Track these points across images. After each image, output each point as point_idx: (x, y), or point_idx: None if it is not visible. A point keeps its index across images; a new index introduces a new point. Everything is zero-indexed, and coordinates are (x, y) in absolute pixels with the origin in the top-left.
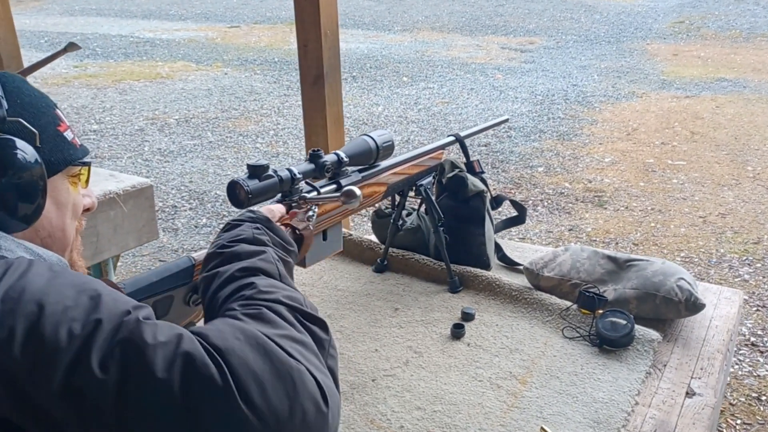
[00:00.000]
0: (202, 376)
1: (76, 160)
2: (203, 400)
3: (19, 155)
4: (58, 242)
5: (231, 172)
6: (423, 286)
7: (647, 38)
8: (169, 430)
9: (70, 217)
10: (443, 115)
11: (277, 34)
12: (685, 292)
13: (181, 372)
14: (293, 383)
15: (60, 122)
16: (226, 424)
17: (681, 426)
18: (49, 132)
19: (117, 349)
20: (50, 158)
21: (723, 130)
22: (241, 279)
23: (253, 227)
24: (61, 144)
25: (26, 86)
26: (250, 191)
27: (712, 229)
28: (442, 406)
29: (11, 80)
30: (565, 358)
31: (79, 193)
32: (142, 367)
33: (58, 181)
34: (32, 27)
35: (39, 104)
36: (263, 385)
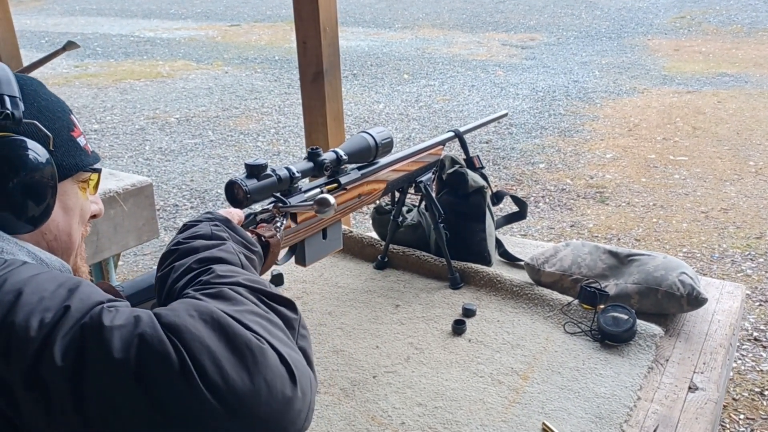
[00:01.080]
0: (158, 356)
1: (87, 166)
2: (160, 380)
3: (31, 157)
4: (63, 246)
5: (232, 170)
6: (424, 283)
7: (648, 34)
8: (128, 412)
9: (77, 222)
10: (444, 113)
11: (277, 32)
12: (687, 286)
13: (136, 353)
14: (253, 358)
15: (74, 128)
16: (186, 404)
17: (683, 421)
18: (63, 136)
19: (77, 334)
20: (62, 162)
21: (725, 125)
22: (198, 269)
23: (211, 224)
24: (73, 149)
25: (44, 90)
26: (249, 191)
27: (714, 224)
28: (443, 402)
29: (29, 83)
30: (567, 353)
31: (88, 198)
32: (99, 350)
33: (67, 186)
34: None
35: (55, 108)
36: (219, 362)
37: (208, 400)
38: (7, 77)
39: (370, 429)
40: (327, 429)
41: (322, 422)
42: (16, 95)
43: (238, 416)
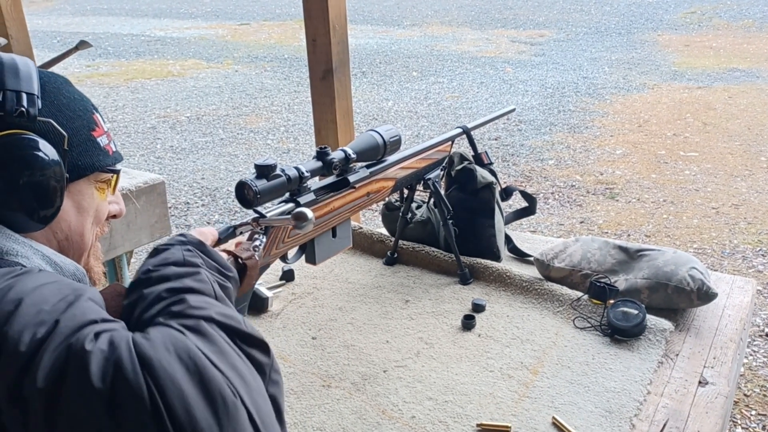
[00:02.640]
0: (131, 391)
1: (105, 166)
2: (130, 416)
3: (40, 156)
4: (75, 246)
5: (242, 168)
6: (433, 278)
7: (658, 29)
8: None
9: (92, 222)
10: (453, 110)
11: (286, 30)
12: (697, 281)
13: (111, 383)
14: (225, 409)
15: (95, 127)
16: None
17: (694, 415)
18: (81, 136)
19: (63, 354)
20: (77, 162)
21: (736, 120)
22: (168, 299)
23: (183, 249)
24: (91, 149)
25: (67, 88)
26: (259, 191)
27: (725, 220)
28: (453, 396)
29: (53, 80)
30: (577, 348)
31: (106, 199)
32: (79, 375)
33: (82, 186)
34: (45, 27)
35: (75, 107)
36: (191, 408)
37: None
38: (28, 74)
39: (381, 423)
40: (338, 422)
41: (334, 416)
42: (35, 92)
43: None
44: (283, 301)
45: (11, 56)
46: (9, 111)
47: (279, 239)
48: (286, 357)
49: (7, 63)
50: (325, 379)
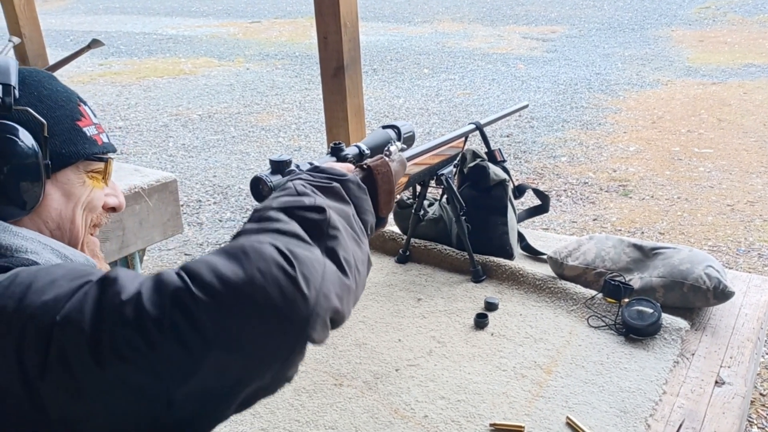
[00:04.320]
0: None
1: (91, 154)
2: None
3: (15, 141)
4: (67, 234)
5: (254, 166)
6: (446, 276)
7: (672, 25)
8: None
9: (82, 209)
10: (464, 106)
11: (297, 28)
12: (714, 279)
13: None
14: (246, 256)
15: (81, 117)
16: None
17: (710, 415)
18: (64, 125)
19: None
20: (61, 150)
21: (751, 116)
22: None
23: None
24: (75, 137)
25: (50, 82)
26: (274, 186)
27: (740, 217)
28: (466, 396)
29: (34, 75)
30: (591, 347)
31: (101, 189)
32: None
33: (70, 174)
34: (58, 26)
35: (57, 98)
36: (214, 265)
37: (209, 304)
38: (6, 68)
39: (393, 422)
40: (350, 421)
41: (346, 414)
42: (11, 83)
43: (239, 307)
44: None
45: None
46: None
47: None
48: None
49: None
50: (337, 377)
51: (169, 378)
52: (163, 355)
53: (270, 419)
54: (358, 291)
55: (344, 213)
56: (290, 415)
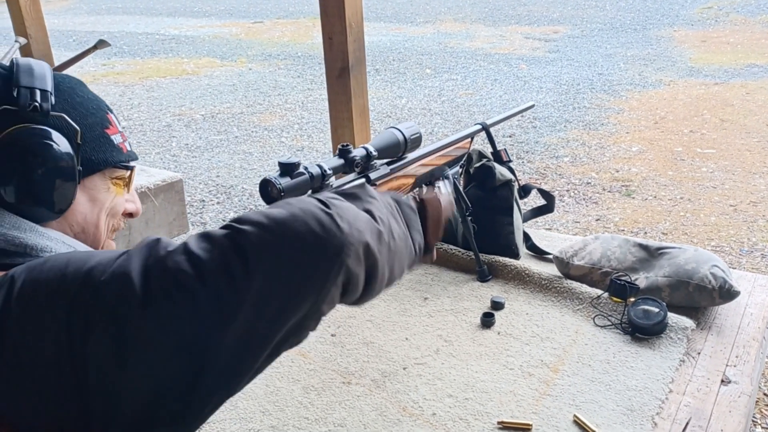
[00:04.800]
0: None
1: (118, 162)
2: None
3: (53, 146)
4: (90, 238)
5: (257, 166)
6: (452, 276)
7: (674, 25)
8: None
9: (106, 215)
10: (467, 107)
11: (300, 28)
12: (719, 279)
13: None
14: (288, 203)
15: (109, 125)
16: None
17: (717, 414)
18: (95, 132)
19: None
20: (91, 157)
21: (754, 117)
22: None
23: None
24: (104, 145)
25: (81, 88)
26: (283, 189)
27: (743, 217)
28: (473, 394)
29: (67, 81)
30: (597, 346)
31: (123, 195)
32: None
33: (97, 180)
34: (61, 26)
35: (89, 105)
36: (260, 210)
37: (255, 232)
38: (42, 73)
39: (402, 419)
40: (359, 419)
41: (354, 412)
42: (48, 89)
43: (281, 236)
44: None
45: (27, 59)
46: (23, 106)
47: None
48: (306, 353)
49: (22, 64)
50: (345, 375)
51: (213, 318)
52: (210, 291)
53: (279, 417)
54: (394, 254)
55: (391, 211)
56: (299, 412)
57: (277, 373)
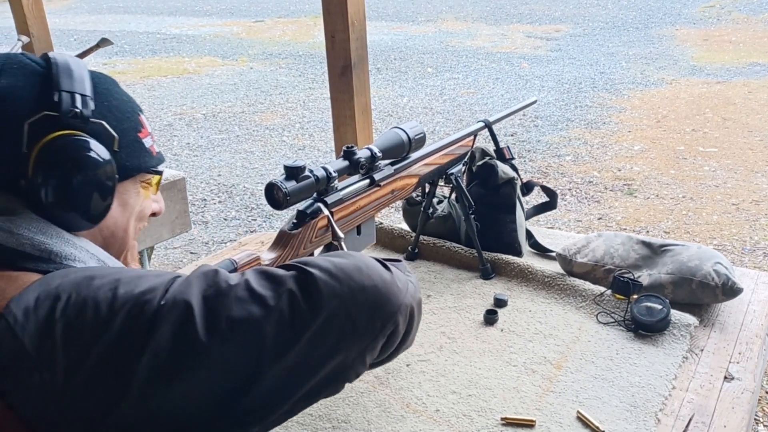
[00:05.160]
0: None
1: (150, 167)
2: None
3: (93, 156)
4: (119, 242)
5: (258, 165)
6: (455, 273)
7: (676, 24)
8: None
9: (135, 219)
10: (469, 106)
11: (301, 27)
12: (722, 276)
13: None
14: (350, 255)
15: (141, 128)
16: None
17: (720, 410)
18: (129, 137)
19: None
20: (125, 163)
21: (756, 115)
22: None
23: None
24: (138, 150)
25: (116, 89)
26: (288, 192)
27: (745, 216)
28: (477, 390)
29: (103, 81)
30: (600, 343)
31: (150, 197)
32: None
33: (128, 185)
34: (62, 25)
35: (125, 108)
36: (326, 256)
37: (323, 278)
38: (81, 74)
39: (405, 416)
40: (363, 415)
41: (358, 409)
42: (88, 94)
43: (349, 285)
44: None
45: (64, 57)
46: (64, 112)
47: (307, 239)
48: None
49: (61, 64)
50: None
51: (270, 351)
52: (271, 326)
53: None
54: (419, 323)
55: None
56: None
57: None
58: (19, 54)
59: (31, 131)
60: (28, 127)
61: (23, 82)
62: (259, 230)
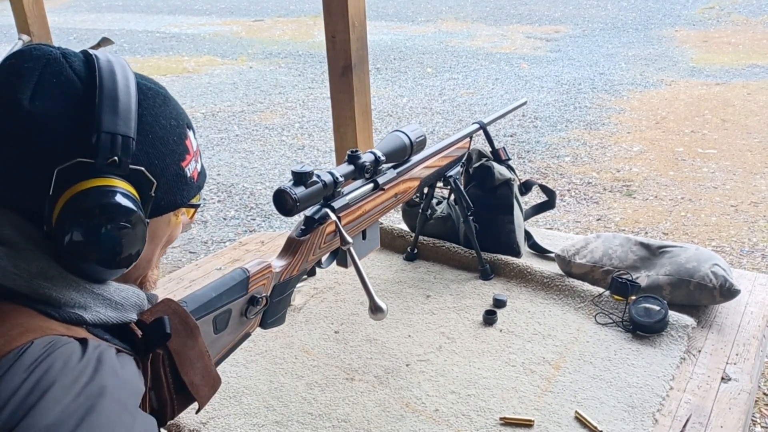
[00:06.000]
0: None
1: (187, 202)
2: None
3: (126, 207)
4: (140, 272)
5: (258, 164)
6: (454, 274)
7: (676, 25)
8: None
9: (161, 248)
10: (468, 106)
11: (300, 27)
12: (720, 278)
13: None
14: None
15: (186, 154)
16: None
17: (717, 411)
18: (170, 172)
19: None
20: (161, 201)
21: (755, 117)
22: None
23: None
24: (177, 186)
25: (164, 109)
26: (298, 198)
27: (744, 218)
28: (476, 390)
29: (151, 103)
30: (599, 343)
31: (180, 221)
32: None
33: (159, 219)
34: (61, 24)
35: (170, 138)
36: None
37: None
38: (127, 104)
39: (405, 415)
40: (363, 415)
41: (358, 408)
42: (131, 135)
43: None
44: (305, 296)
45: (111, 68)
46: (100, 159)
47: (316, 245)
48: (310, 350)
49: (107, 86)
50: (349, 372)
51: None
52: None
53: (284, 412)
54: None
55: None
56: (303, 408)
57: (281, 370)
58: (58, 56)
59: (60, 176)
60: (57, 173)
61: (61, 109)
62: (258, 230)
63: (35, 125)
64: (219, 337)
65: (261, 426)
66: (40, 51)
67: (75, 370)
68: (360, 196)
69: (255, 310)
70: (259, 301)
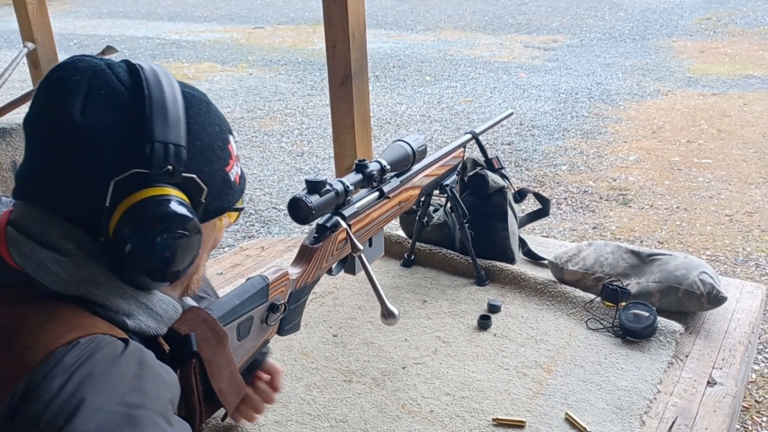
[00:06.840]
0: None
1: (233, 206)
2: None
3: (180, 215)
4: (187, 277)
5: (257, 171)
6: (450, 280)
7: (673, 35)
8: None
9: (208, 252)
10: (466, 114)
11: (300, 34)
12: (707, 285)
13: None
14: None
15: (230, 159)
16: None
17: (702, 413)
18: (216, 178)
19: None
20: (209, 207)
21: (751, 127)
22: None
23: None
24: (223, 191)
25: (208, 117)
26: (314, 207)
27: (738, 227)
28: (470, 392)
29: (196, 111)
30: (589, 348)
31: (224, 225)
32: None
33: (207, 224)
34: (61, 30)
35: (215, 144)
36: None
37: None
38: (176, 112)
39: (401, 416)
40: (360, 415)
41: (355, 409)
42: (182, 143)
43: None
44: None
45: (157, 78)
46: (155, 169)
47: (329, 252)
48: (309, 353)
49: (155, 97)
50: (347, 374)
51: None
52: None
53: (283, 413)
54: None
55: None
56: (302, 408)
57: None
58: (104, 67)
59: (116, 187)
60: (114, 184)
61: (113, 120)
62: (257, 235)
63: (89, 138)
64: (242, 344)
65: (261, 426)
66: (85, 62)
67: (115, 374)
68: (367, 204)
69: (275, 317)
70: (279, 308)
